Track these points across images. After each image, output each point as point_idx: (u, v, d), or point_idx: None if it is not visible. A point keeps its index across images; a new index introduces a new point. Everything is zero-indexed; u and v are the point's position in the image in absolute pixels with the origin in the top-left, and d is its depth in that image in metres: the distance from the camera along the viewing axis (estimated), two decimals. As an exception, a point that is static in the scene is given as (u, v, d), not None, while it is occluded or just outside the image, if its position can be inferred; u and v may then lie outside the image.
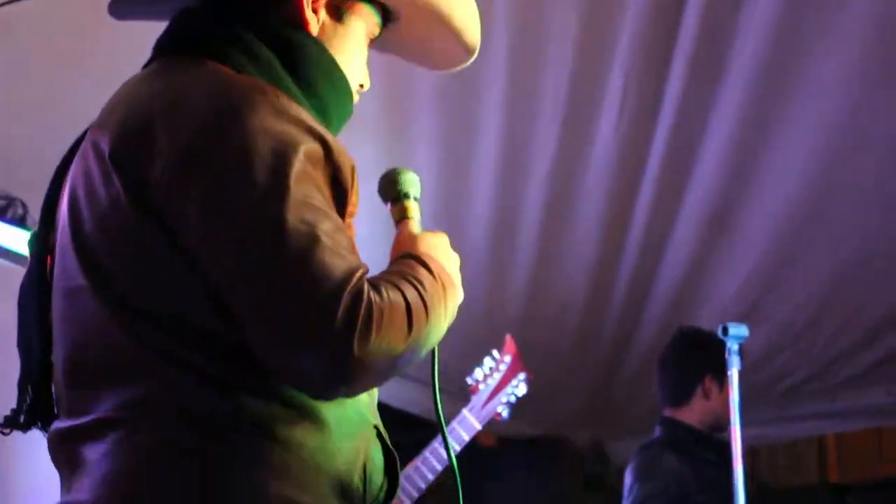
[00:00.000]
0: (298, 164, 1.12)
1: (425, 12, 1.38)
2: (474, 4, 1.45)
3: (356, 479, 1.19)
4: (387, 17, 1.38)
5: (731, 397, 2.38)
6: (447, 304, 1.22)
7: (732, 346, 2.41)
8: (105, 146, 1.19)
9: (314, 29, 1.30)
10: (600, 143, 3.54)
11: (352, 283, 1.08)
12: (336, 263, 1.09)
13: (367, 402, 1.26)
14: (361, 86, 1.38)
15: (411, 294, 1.15)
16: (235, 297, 1.12)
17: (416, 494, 2.63)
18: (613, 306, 4.18)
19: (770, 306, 4.04)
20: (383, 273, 1.21)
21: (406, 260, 1.24)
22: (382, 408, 1.34)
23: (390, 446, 1.26)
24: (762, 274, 3.93)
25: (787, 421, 4.57)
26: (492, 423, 2.92)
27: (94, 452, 1.17)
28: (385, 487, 1.24)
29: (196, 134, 1.14)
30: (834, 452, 5.52)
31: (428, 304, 1.17)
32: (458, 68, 1.52)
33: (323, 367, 1.09)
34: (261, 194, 1.10)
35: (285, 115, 1.15)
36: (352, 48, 1.34)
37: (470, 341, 3.14)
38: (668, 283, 4.02)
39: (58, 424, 1.24)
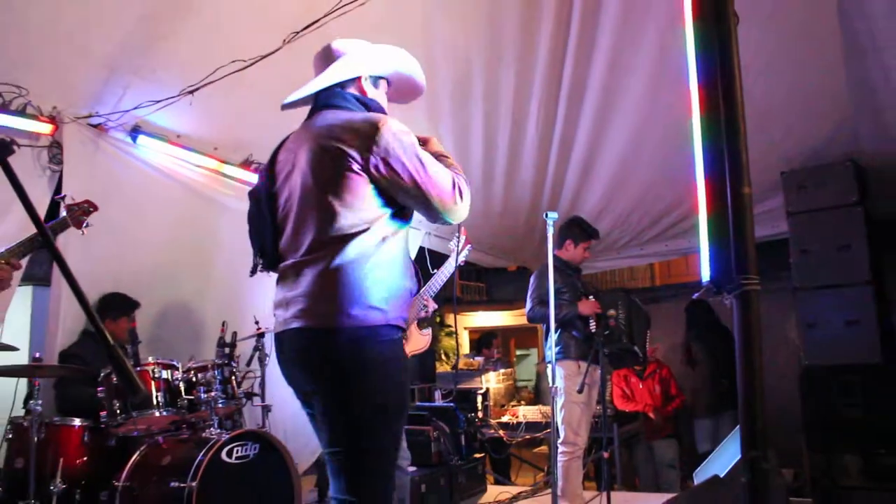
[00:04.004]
0: None
1: (403, 77, 2.96)
2: (417, 63, 2.90)
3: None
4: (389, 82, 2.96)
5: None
6: None
7: (549, 223, 4.64)
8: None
9: (369, 93, 2.84)
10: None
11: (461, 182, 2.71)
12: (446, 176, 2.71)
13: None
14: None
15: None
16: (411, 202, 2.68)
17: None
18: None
19: (615, 202, 7.11)
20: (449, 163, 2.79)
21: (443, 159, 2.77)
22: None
23: None
24: (609, 188, 6.94)
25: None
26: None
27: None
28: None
29: None
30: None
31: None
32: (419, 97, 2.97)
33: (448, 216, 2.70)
34: None
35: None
36: (382, 98, 2.89)
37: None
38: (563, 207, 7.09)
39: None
